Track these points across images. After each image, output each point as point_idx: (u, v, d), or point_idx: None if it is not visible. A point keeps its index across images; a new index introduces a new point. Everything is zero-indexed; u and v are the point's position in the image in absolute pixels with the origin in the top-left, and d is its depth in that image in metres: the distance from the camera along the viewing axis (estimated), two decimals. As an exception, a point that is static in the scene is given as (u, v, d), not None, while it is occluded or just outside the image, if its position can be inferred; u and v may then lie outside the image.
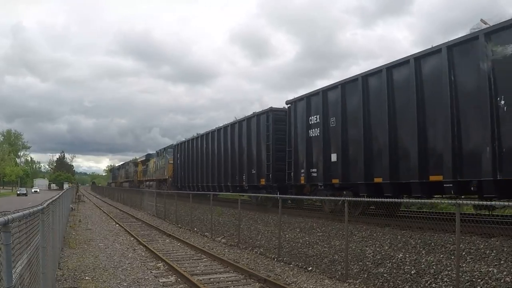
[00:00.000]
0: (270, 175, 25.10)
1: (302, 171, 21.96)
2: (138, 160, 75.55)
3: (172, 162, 47.94)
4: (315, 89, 21.35)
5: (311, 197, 21.12)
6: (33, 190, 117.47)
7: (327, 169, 19.97)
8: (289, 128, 23.69)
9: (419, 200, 13.92)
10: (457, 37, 14.10)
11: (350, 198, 14.23)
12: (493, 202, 10.90)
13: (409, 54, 16.01)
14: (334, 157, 19.57)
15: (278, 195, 19.81)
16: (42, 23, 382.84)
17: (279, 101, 64.37)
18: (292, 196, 21.60)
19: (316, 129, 20.99)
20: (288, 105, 23.92)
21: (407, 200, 14.48)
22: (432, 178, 14.77)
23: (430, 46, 15.04)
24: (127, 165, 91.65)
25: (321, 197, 18.93)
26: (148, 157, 64.59)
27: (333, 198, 16.90)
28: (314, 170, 21.07)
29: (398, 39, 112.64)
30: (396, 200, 13.12)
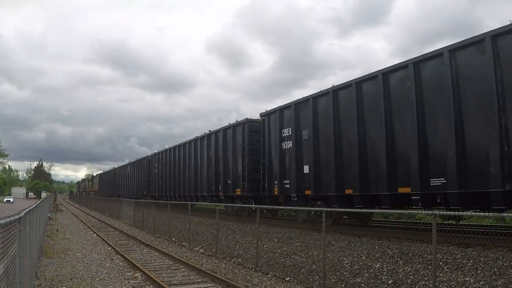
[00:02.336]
0: (246, 185, 24.87)
1: (276, 182, 21.87)
2: (89, 178, 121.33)
3: (99, 179, 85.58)
4: (292, 99, 21.32)
5: (288, 207, 20.87)
6: (5, 200, 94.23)
7: (300, 181, 19.84)
8: (263, 140, 23.57)
9: (396, 211, 13.79)
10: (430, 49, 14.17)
11: (328, 209, 14.11)
12: (461, 213, 10.75)
13: (380, 68, 16.05)
14: (306, 169, 19.48)
15: (253, 205, 19.62)
16: (20, 31, 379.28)
17: (256, 111, 64.53)
18: (267, 206, 21.31)
19: (288, 141, 20.90)
20: (262, 117, 23.77)
21: (382, 210, 14.47)
22: (401, 190, 14.76)
23: (408, 57, 15.23)
24: (85, 180, 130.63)
25: (299, 207, 18.81)
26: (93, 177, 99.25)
27: (311, 208, 16.81)
28: (287, 181, 20.96)
29: (375, 49, 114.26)
30: (369, 210, 13.18)
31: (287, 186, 20.91)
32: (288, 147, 20.95)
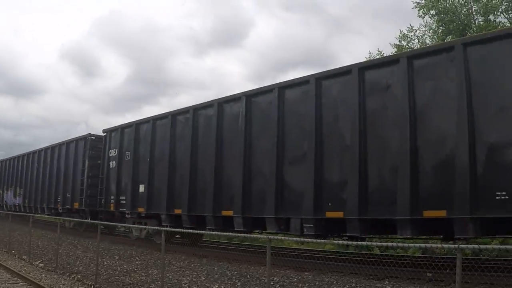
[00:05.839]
0: (83, 199, 23.90)
1: (112, 198, 21.19)
2: None
3: None
4: (145, 115, 21.80)
5: (126, 224, 20.06)
6: None
7: (135, 198, 19.50)
8: (103, 155, 22.85)
9: (241, 235, 13.75)
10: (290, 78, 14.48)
11: (168, 229, 13.70)
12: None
13: (215, 99, 16.73)
14: (142, 188, 19.20)
15: (89, 219, 18.89)
16: None
17: (106, 124, 62.24)
18: (105, 222, 20.26)
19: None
20: (105, 134, 23.16)
21: (228, 233, 14.44)
22: (224, 213, 14.91)
23: (264, 82, 15.91)
24: None
25: (141, 226, 18.16)
26: None
27: (154, 227, 16.31)
28: (123, 197, 20.41)
29: (231, 72, 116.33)
30: (204, 231, 13.08)
31: (123, 202, 20.41)
32: (114, 165, 21.29)
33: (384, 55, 27.22)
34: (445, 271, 9.71)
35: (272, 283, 10.85)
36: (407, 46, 27.87)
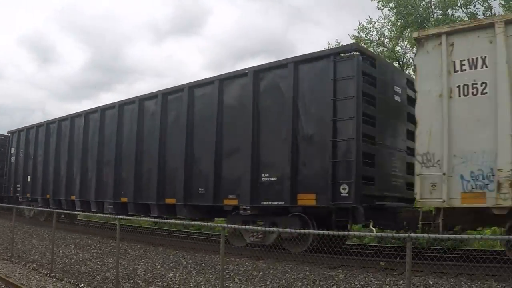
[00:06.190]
0: None
1: (12, 185, 26.54)
2: None
3: None
4: (101, 102, 23.12)
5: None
6: None
7: (25, 186, 25.02)
8: (7, 153, 28.00)
9: (196, 222, 13.76)
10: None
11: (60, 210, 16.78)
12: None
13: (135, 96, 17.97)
14: (29, 178, 24.75)
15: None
16: None
17: (63, 112, 60.82)
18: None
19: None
20: (9, 135, 28.23)
21: (178, 221, 14.68)
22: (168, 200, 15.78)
23: (221, 71, 16.51)
24: None
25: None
26: None
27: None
28: (19, 185, 25.73)
29: (189, 60, 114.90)
30: (164, 220, 14.75)
31: (18, 189, 25.69)
32: (13, 160, 26.89)
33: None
34: (398, 260, 9.96)
35: (227, 271, 10.87)
36: (366, 38, 27.99)
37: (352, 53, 11.65)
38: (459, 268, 9.33)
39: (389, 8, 27.00)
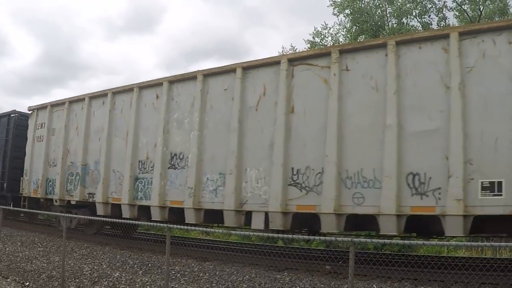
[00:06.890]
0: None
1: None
2: None
3: None
4: (51, 99, 21.40)
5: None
6: None
7: None
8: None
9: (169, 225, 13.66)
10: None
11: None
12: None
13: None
14: None
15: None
16: None
17: (15, 107, 58.74)
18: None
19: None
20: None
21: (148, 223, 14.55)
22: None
23: (174, 71, 16.70)
24: None
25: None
26: None
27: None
28: None
29: (142, 58, 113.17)
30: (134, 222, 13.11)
31: None
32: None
33: (298, 50, 27.69)
34: (343, 264, 10.22)
35: (173, 271, 10.95)
36: (320, 43, 28.40)
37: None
38: (403, 273, 9.55)
39: (345, 15, 27.56)
